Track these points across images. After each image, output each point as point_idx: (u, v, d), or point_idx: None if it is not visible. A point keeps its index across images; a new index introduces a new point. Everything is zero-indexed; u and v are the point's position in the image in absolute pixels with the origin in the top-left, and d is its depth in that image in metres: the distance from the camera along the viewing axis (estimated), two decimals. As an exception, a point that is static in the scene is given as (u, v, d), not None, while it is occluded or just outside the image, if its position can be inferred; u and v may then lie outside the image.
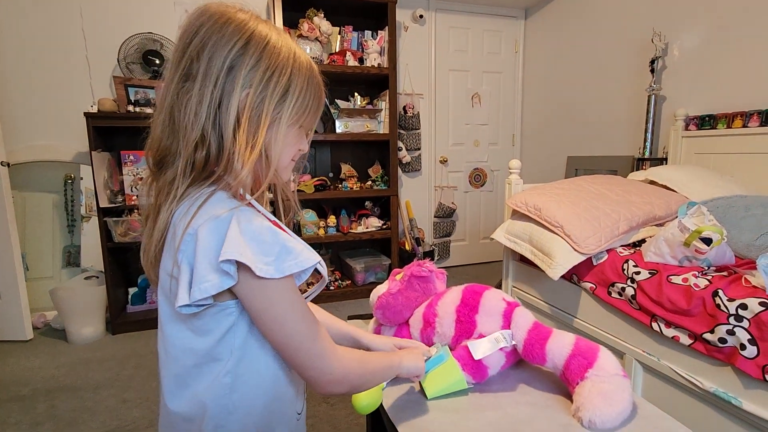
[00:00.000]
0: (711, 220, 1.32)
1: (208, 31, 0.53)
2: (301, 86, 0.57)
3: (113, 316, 2.38)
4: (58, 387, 1.84)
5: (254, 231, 0.49)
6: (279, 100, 0.55)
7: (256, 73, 0.53)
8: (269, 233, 0.51)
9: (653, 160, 2.36)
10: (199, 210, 0.51)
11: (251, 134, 0.53)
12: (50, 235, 2.65)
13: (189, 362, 0.54)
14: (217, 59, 0.52)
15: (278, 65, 0.55)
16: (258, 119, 0.54)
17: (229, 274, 0.48)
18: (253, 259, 0.48)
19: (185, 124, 0.53)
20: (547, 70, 3.38)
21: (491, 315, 0.76)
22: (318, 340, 0.54)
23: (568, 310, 1.68)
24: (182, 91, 0.53)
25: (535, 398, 0.69)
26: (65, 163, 2.61)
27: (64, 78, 2.52)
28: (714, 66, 2.13)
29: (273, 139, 0.55)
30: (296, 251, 0.52)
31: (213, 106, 0.52)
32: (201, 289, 0.48)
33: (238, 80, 0.52)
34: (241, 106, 0.53)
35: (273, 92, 0.54)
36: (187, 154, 0.53)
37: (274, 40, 0.55)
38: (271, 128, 0.55)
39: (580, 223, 1.57)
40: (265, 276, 0.48)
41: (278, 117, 0.55)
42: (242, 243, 0.48)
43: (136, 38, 2.47)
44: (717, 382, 1.14)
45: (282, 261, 0.50)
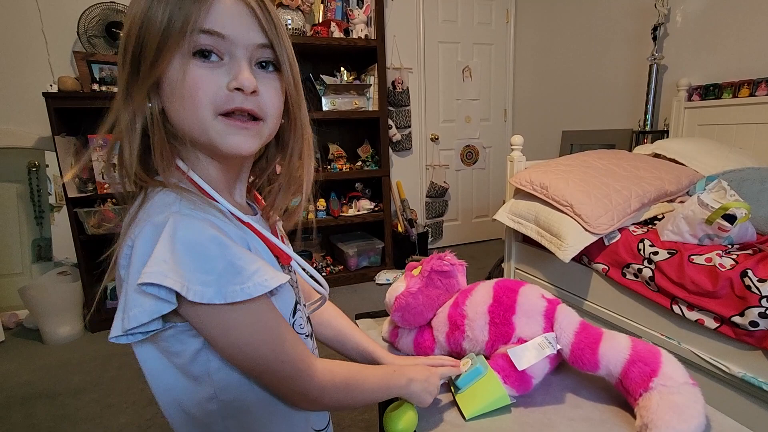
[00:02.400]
0: (733, 195, 1.24)
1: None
2: (148, 6, 0.42)
3: (91, 314, 2.23)
4: (34, 393, 1.70)
5: (193, 242, 0.39)
6: (136, 39, 0.43)
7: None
8: (214, 246, 0.40)
9: (654, 132, 2.29)
10: (143, 209, 0.44)
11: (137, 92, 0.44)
12: (16, 228, 2.44)
13: (164, 384, 0.46)
14: None
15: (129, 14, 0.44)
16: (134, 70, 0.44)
17: (162, 299, 0.39)
18: (185, 280, 0.38)
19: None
20: (540, 41, 3.25)
21: (531, 316, 0.67)
22: (286, 361, 0.45)
23: (578, 293, 1.61)
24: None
25: (588, 412, 0.60)
26: (27, 150, 2.39)
27: (19, 55, 2.27)
28: (719, 32, 2.04)
29: (169, 76, 0.43)
30: (247, 272, 0.41)
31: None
32: (130, 317, 0.39)
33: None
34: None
35: (132, 36, 0.42)
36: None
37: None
38: (148, 71, 0.43)
39: (590, 202, 1.48)
40: (203, 302, 0.39)
41: (146, 53, 0.42)
42: (172, 259, 0.38)
43: (97, 8, 2.23)
44: (746, 366, 1.08)
45: (225, 283, 0.39)
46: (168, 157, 0.45)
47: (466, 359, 0.66)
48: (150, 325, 0.40)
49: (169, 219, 0.40)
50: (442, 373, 0.62)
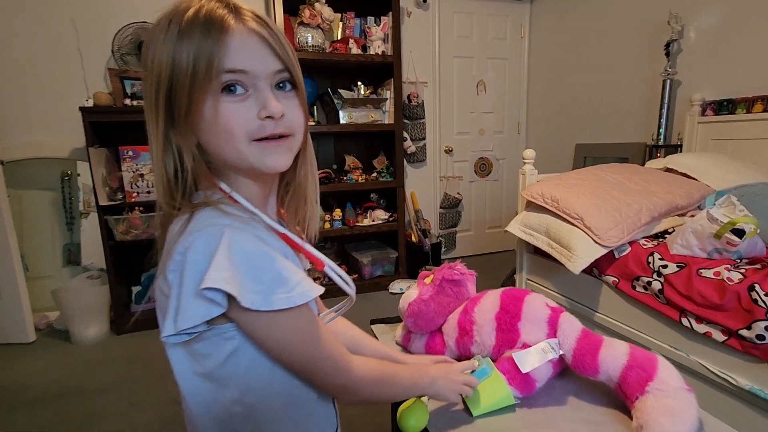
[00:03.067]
0: (742, 210, 1.27)
1: None
2: (171, 46, 0.46)
3: (117, 316, 2.33)
4: (64, 390, 1.80)
5: (246, 254, 0.44)
6: (167, 80, 0.47)
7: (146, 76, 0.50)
8: (263, 258, 0.45)
9: (667, 147, 2.31)
10: (190, 222, 0.47)
11: (181, 130, 0.49)
12: (49, 233, 2.58)
13: (192, 387, 0.50)
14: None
15: (149, 54, 0.48)
16: (158, 100, 0.49)
17: (216, 302, 0.43)
18: (240, 288, 0.42)
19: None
20: (554, 55, 3.29)
21: (535, 323, 0.71)
22: (327, 358, 0.51)
23: (589, 305, 1.63)
24: None
25: (588, 414, 0.64)
26: (61, 160, 2.53)
27: (57, 72, 2.43)
28: (733, 48, 2.06)
29: (201, 116, 0.47)
30: (291, 283, 0.46)
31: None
32: (185, 317, 0.44)
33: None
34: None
35: (158, 76, 0.47)
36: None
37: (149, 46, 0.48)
38: (186, 108, 0.47)
39: (600, 215, 1.52)
40: (252, 308, 0.43)
41: (176, 93, 0.47)
42: (229, 268, 0.42)
43: (130, 28, 2.37)
44: (753, 379, 1.10)
45: (272, 292, 0.44)
46: (211, 181, 0.51)
47: (473, 360, 0.70)
48: (198, 326, 0.45)
49: (225, 231, 0.44)
50: (462, 368, 0.67)
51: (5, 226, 2.13)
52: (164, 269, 0.47)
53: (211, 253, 0.43)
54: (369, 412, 1.59)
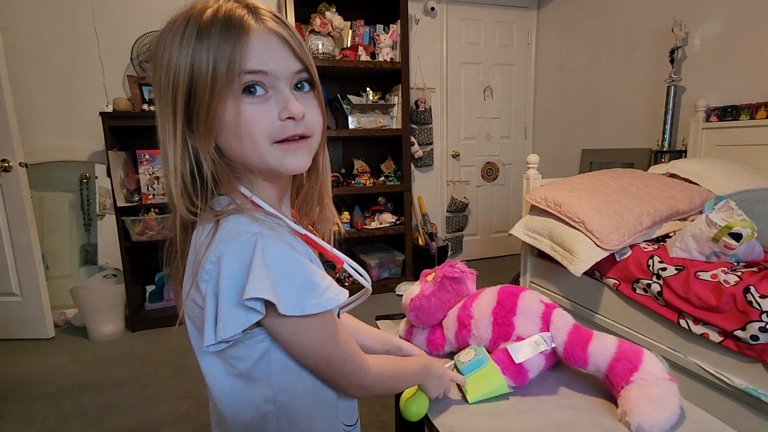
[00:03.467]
0: (740, 214, 1.30)
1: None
2: (188, 50, 0.46)
3: (132, 314, 2.41)
4: (82, 384, 1.87)
5: (279, 261, 0.45)
6: (185, 87, 0.46)
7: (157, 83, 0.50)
8: (294, 264, 0.46)
9: (672, 152, 2.33)
10: (218, 231, 0.47)
11: (200, 136, 0.49)
12: (68, 233, 2.67)
13: (225, 388, 0.52)
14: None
15: (162, 59, 0.48)
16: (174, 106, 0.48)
17: (255, 310, 0.44)
18: (277, 295, 0.43)
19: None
20: (560, 62, 3.33)
21: (529, 317, 0.76)
22: (347, 359, 0.53)
23: (590, 306, 1.67)
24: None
25: (577, 402, 0.68)
26: (81, 163, 2.63)
27: (78, 78, 2.53)
28: (737, 55, 2.09)
29: (218, 120, 0.47)
30: (321, 288, 0.47)
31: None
32: (226, 327, 0.44)
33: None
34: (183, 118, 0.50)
35: (175, 80, 0.46)
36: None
37: (159, 48, 0.48)
38: (205, 114, 0.47)
39: (602, 219, 1.55)
40: (287, 314, 0.45)
41: (195, 98, 0.47)
42: (267, 276, 0.43)
43: (148, 36, 2.47)
44: (748, 379, 1.12)
45: (303, 297, 0.46)
46: (232, 185, 0.51)
47: (469, 350, 0.75)
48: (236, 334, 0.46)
49: (257, 240, 0.44)
50: (452, 377, 0.71)
51: (28, 226, 2.23)
52: (196, 279, 0.47)
53: (247, 262, 0.44)
54: (374, 409, 1.64)
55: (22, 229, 2.22)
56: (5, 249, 2.23)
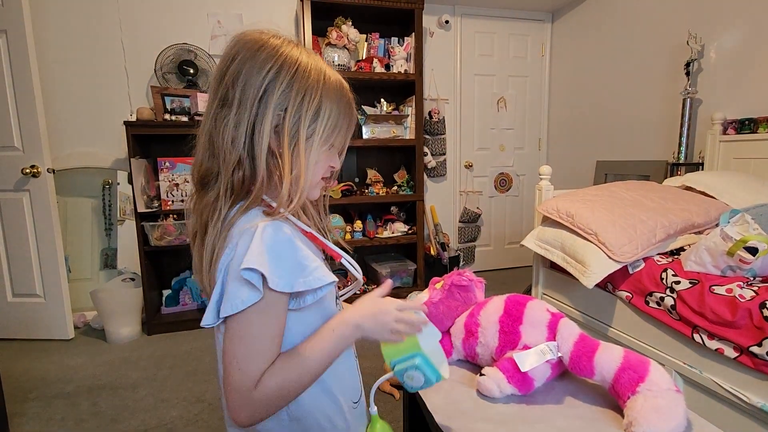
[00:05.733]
0: (756, 228, 1.28)
1: (243, 58, 0.56)
2: (332, 106, 0.59)
3: (149, 317, 2.47)
4: (99, 385, 1.92)
5: (275, 244, 0.52)
6: (311, 120, 0.57)
7: (288, 96, 0.56)
8: (288, 248, 0.54)
9: (689, 165, 2.30)
10: (235, 227, 0.55)
11: (286, 155, 0.56)
12: (89, 238, 2.76)
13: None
14: (251, 86, 0.55)
15: (309, 87, 0.57)
16: (292, 140, 0.56)
17: (256, 287, 0.50)
18: (270, 271, 0.50)
19: (223, 149, 0.55)
20: (574, 74, 3.33)
21: (536, 326, 0.77)
22: (242, 377, 0.51)
23: (603, 319, 1.65)
24: (219, 117, 0.56)
25: (583, 411, 0.69)
26: (104, 169, 2.72)
27: (104, 88, 2.64)
28: (753, 68, 2.07)
29: (305, 158, 0.57)
30: (309, 269, 0.54)
31: (248, 131, 0.55)
32: (233, 305, 0.50)
33: (270, 105, 0.55)
34: (274, 129, 0.56)
35: (305, 114, 0.56)
36: (227, 176, 0.56)
37: (304, 62, 0.58)
38: (306, 147, 0.57)
39: (614, 231, 1.54)
40: (276, 288, 0.51)
41: (311, 137, 0.57)
42: (263, 254, 0.50)
43: (171, 49, 2.56)
44: (764, 396, 1.10)
45: (293, 277, 0.52)
46: (260, 192, 0.59)
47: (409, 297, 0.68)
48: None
49: (258, 226, 0.53)
50: (398, 305, 0.62)
51: (54, 230, 2.31)
52: (213, 267, 0.56)
53: (248, 245, 0.52)
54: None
55: (47, 233, 2.31)
56: (31, 252, 2.32)
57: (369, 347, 0.59)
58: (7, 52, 2.17)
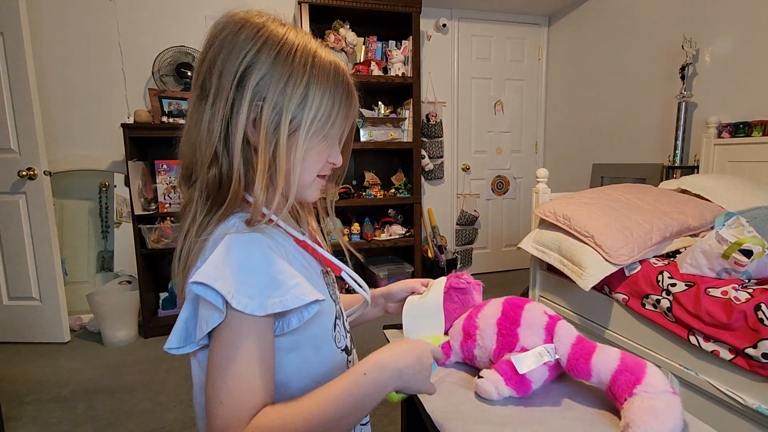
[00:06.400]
0: (751, 231, 1.29)
1: (221, 42, 0.50)
2: (323, 92, 0.51)
3: (145, 320, 2.46)
4: (95, 388, 1.91)
5: (243, 258, 0.45)
6: (296, 109, 0.50)
7: (269, 82, 0.49)
8: (260, 260, 0.46)
9: (684, 168, 2.32)
10: (209, 240, 0.49)
11: (266, 150, 0.49)
12: (86, 240, 2.75)
13: (202, 402, 0.47)
14: (228, 72, 0.49)
15: (294, 70, 0.49)
16: (274, 133, 0.49)
17: (218, 308, 0.43)
18: (234, 288, 0.43)
19: (199, 143, 0.50)
20: (570, 77, 3.35)
21: (533, 329, 0.77)
22: (226, 413, 0.42)
23: (600, 322, 1.66)
24: (198, 108, 0.51)
25: (581, 413, 0.69)
26: (101, 172, 2.71)
27: (102, 90, 2.63)
28: (747, 72, 2.09)
29: (292, 153, 0.50)
30: (286, 286, 0.45)
31: (224, 122, 0.49)
32: (200, 328, 0.45)
33: (248, 92, 0.48)
34: (252, 120, 0.49)
35: (289, 101, 0.49)
36: (202, 174, 0.50)
37: (290, 42, 0.50)
38: (289, 142, 0.50)
39: (611, 233, 1.56)
40: (243, 310, 0.43)
41: (297, 130, 0.50)
42: (224, 269, 0.43)
43: (169, 51, 2.56)
44: (760, 398, 1.11)
45: (265, 295, 0.44)
46: (243, 194, 0.53)
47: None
48: (201, 340, 0.46)
49: (225, 236, 0.46)
50: (434, 350, 0.58)
51: (50, 233, 2.30)
52: (184, 280, 0.51)
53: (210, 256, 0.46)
54: (381, 421, 1.64)
55: (44, 236, 2.30)
56: (27, 254, 2.31)
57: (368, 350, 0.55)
58: (3, 54, 2.17)
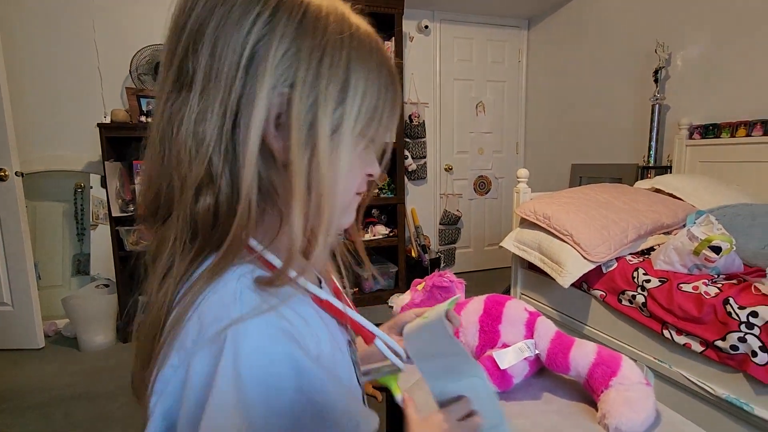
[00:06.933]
0: (720, 228, 1.35)
1: (211, 4, 0.33)
2: (366, 72, 0.36)
3: (124, 324, 2.40)
4: (73, 395, 1.86)
5: (268, 393, 0.28)
6: (337, 100, 0.34)
7: (297, 59, 0.33)
8: (300, 398, 0.29)
9: (658, 168, 2.40)
10: (191, 315, 0.31)
11: (302, 160, 0.33)
12: (60, 243, 2.67)
13: None
14: (226, 48, 0.32)
15: (327, 41, 0.34)
16: (310, 134, 0.33)
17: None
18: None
19: (177, 157, 0.34)
20: (550, 79, 3.43)
21: (514, 325, 0.79)
22: None
23: (578, 318, 1.70)
24: (174, 106, 0.34)
25: (560, 406, 0.71)
26: (76, 173, 2.64)
27: (77, 89, 2.56)
28: (717, 76, 2.17)
29: (335, 164, 0.35)
30: (332, 417, 0.30)
31: (224, 123, 0.32)
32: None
33: (265, 76, 0.32)
34: (274, 116, 0.33)
35: (326, 89, 0.33)
36: (184, 205, 0.34)
37: (314, 2, 0.35)
38: (330, 146, 0.34)
39: (589, 232, 1.60)
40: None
41: (339, 129, 0.34)
42: (238, 418, 0.27)
43: (147, 50, 2.51)
44: (729, 388, 1.16)
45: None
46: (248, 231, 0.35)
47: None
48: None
49: (227, 335, 0.28)
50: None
51: (22, 236, 2.23)
52: (147, 376, 0.33)
53: (211, 373, 0.28)
54: None
55: (15, 239, 2.23)
56: (-2, 258, 2.23)
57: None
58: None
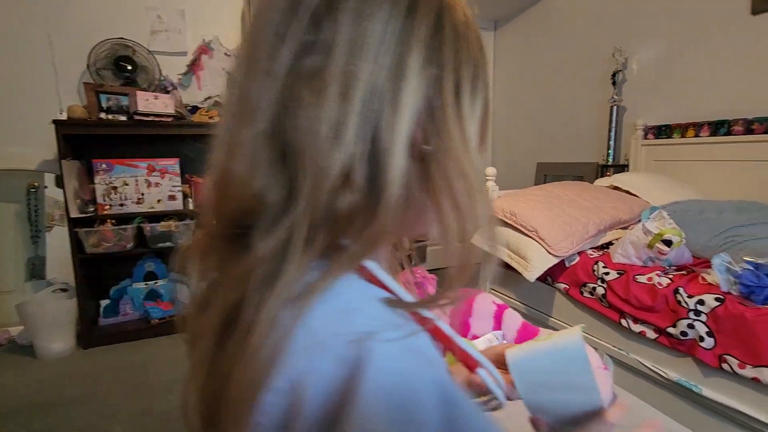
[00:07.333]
0: (671, 223, 1.44)
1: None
2: (484, 64, 0.34)
3: (84, 330, 2.30)
4: (30, 405, 1.77)
5: (405, 400, 0.25)
6: (471, 90, 0.32)
7: (443, 42, 0.30)
8: (439, 412, 0.25)
9: (616, 166, 2.52)
10: (303, 327, 0.27)
11: (452, 156, 0.30)
12: (13, 247, 2.52)
13: None
14: (369, 18, 0.28)
15: (458, 24, 0.31)
16: (457, 118, 0.31)
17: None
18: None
19: (311, 146, 0.27)
20: (516, 80, 3.53)
21: (483, 318, 0.82)
22: None
23: (544, 310, 1.77)
24: (301, 79, 0.28)
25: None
26: (29, 172, 2.50)
27: (28, 84, 2.42)
28: (669, 80, 2.31)
29: (475, 152, 0.32)
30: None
31: (373, 104, 0.27)
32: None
33: (414, 53, 0.28)
34: (428, 106, 0.30)
35: (466, 77, 0.31)
36: (319, 203, 0.28)
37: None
38: (467, 135, 0.32)
39: (553, 228, 1.67)
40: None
41: (473, 119, 0.32)
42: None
43: (106, 44, 2.41)
44: (679, 371, 1.24)
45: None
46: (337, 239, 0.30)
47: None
48: None
49: (362, 353, 0.25)
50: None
51: (-31, 238, 2.09)
52: (240, 409, 0.27)
53: (338, 397, 0.25)
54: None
55: (-38, 242, 2.09)
56: (-58, 263, 2.09)
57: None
58: None
